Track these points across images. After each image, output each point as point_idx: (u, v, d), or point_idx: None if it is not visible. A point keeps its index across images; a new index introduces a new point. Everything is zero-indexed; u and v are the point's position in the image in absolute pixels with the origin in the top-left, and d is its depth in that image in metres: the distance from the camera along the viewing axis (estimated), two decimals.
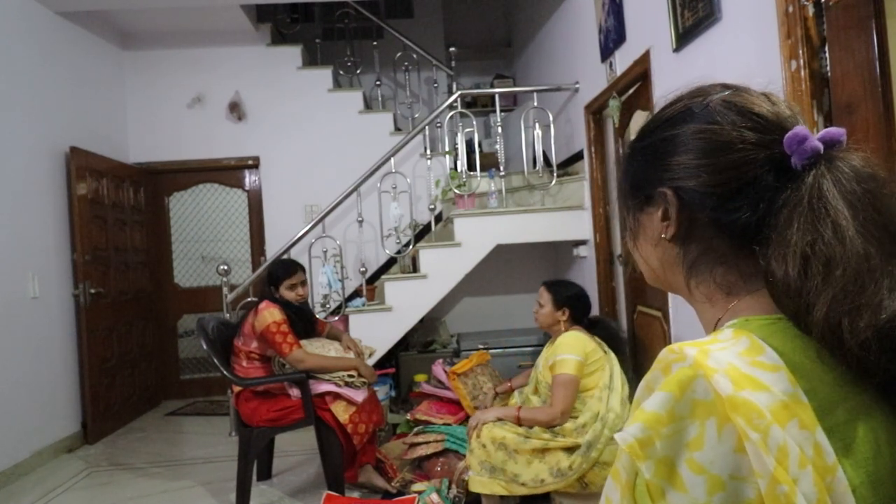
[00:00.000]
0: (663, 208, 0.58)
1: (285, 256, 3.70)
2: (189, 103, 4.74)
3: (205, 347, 2.64)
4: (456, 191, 3.93)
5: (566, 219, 3.66)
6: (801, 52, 1.64)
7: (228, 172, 4.86)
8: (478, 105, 5.81)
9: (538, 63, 4.83)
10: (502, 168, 3.82)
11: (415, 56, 5.04)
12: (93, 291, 3.81)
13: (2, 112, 3.30)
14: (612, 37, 3.03)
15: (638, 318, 3.12)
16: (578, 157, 3.73)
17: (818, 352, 0.48)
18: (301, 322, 2.73)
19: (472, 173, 4.05)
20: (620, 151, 3.03)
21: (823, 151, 0.51)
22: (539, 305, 2.39)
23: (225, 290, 3.67)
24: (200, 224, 4.92)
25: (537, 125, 3.78)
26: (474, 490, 2.16)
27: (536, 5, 4.70)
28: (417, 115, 4.95)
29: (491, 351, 3.58)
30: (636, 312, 3.13)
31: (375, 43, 5.08)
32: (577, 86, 3.69)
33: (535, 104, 3.79)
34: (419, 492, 2.46)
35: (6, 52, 3.38)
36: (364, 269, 3.83)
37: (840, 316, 0.46)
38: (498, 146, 3.87)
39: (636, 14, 2.77)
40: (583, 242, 3.72)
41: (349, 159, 4.53)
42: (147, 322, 4.59)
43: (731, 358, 0.46)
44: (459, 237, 3.63)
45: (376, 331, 3.52)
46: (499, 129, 3.89)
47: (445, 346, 4.14)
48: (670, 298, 2.62)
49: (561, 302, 2.33)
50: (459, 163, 3.99)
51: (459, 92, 3.91)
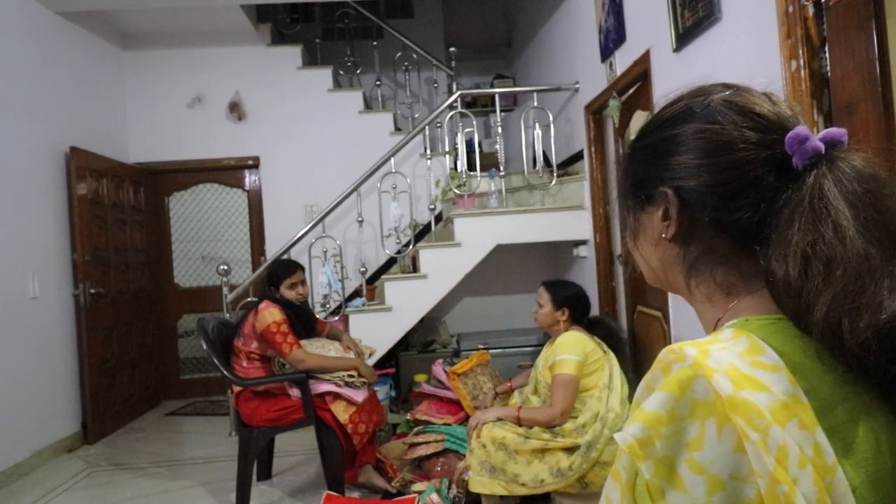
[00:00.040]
0: (664, 208, 0.58)
1: (285, 256, 3.70)
2: (189, 103, 4.74)
3: (205, 347, 2.64)
4: (456, 191, 3.93)
5: (566, 219, 3.66)
6: (801, 52, 1.64)
7: (228, 172, 4.86)
8: (478, 105, 5.81)
9: (538, 63, 4.83)
10: (502, 168, 3.82)
11: (415, 56, 5.04)
12: (93, 291, 3.81)
13: (2, 112, 3.30)
14: (612, 37, 3.03)
15: (638, 318, 3.12)
16: (578, 157, 3.73)
17: (818, 352, 0.48)
18: (301, 322, 2.73)
19: (472, 173, 4.05)
20: (620, 151, 3.03)
21: (825, 151, 0.51)
22: (538, 305, 2.39)
23: (225, 290, 3.67)
24: (200, 224, 4.92)
25: (537, 125, 3.77)
26: (474, 490, 2.16)
27: (536, 5, 4.70)
28: (417, 115, 4.95)
29: (491, 351, 3.58)
30: (636, 312, 3.13)
31: (375, 43, 5.08)
32: (577, 86, 3.69)
33: (535, 104, 3.79)
34: (419, 492, 2.45)
35: (6, 52, 3.38)
36: (364, 269, 3.83)
37: (840, 316, 0.46)
38: (498, 146, 3.87)
39: (636, 14, 2.77)
40: (583, 242, 3.72)
41: (349, 159, 4.53)
42: (147, 322, 4.59)
43: (731, 358, 0.46)
44: (459, 237, 3.63)
45: (376, 331, 3.52)
46: (499, 129, 3.89)
47: (445, 346, 4.14)
48: (670, 298, 2.62)
49: (560, 302, 2.33)
50: (459, 163, 3.99)
51: (459, 92, 3.91)
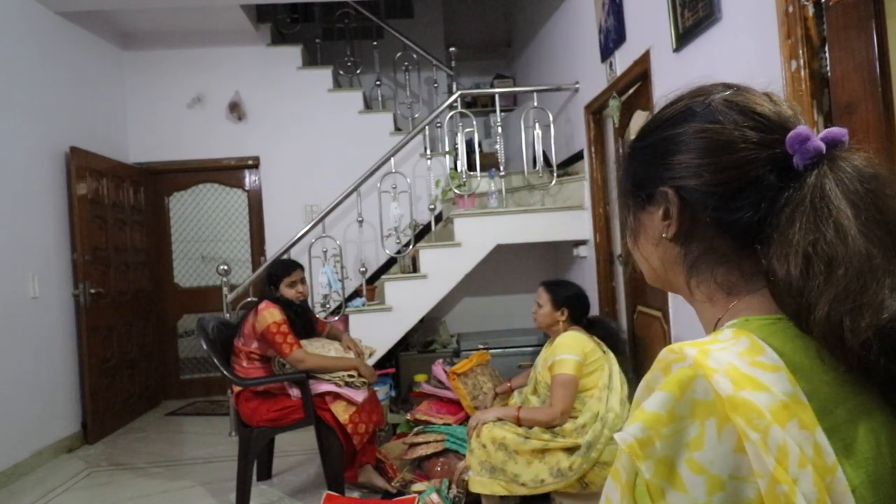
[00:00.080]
0: (664, 207, 0.58)
1: (285, 256, 3.70)
2: (189, 103, 4.74)
3: (205, 347, 2.64)
4: (456, 191, 3.93)
5: (566, 219, 3.66)
6: (801, 52, 1.64)
7: (228, 172, 4.86)
8: (478, 105, 5.81)
9: (538, 63, 4.83)
10: (502, 168, 3.82)
11: (415, 56, 5.04)
12: (93, 291, 3.81)
13: (2, 112, 3.30)
14: (612, 37, 3.02)
15: (638, 318, 3.12)
16: (578, 157, 3.73)
17: (818, 352, 0.48)
18: (301, 322, 2.73)
19: (472, 173, 4.05)
20: (620, 151, 3.03)
21: (826, 151, 0.51)
22: (538, 305, 2.38)
23: (225, 290, 3.67)
24: (200, 224, 4.92)
25: (537, 125, 3.77)
26: (474, 490, 2.16)
27: (536, 5, 4.70)
28: (417, 115, 4.95)
29: (491, 351, 3.58)
30: (636, 312, 3.13)
31: (375, 43, 5.08)
32: (577, 86, 3.69)
33: (535, 104, 3.79)
34: (419, 492, 2.45)
35: (6, 52, 3.38)
36: (364, 269, 3.83)
37: (841, 315, 0.46)
38: (498, 146, 3.86)
39: (636, 14, 2.77)
40: (583, 242, 3.71)
41: (349, 159, 4.53)
42: (147, 322, 4.59)
43: (731, 358, 0.46)
44: (459, 237, 3.63)
45: (376, 331, 3.52)
46: (499, 129, 3.89)
47: (445, 346, 4.14)
48: (670, 298, 2.62)
49: (560, 302, 2.33)
50: (459, 163, 3.99)
51: (459, 92, 3.91)
